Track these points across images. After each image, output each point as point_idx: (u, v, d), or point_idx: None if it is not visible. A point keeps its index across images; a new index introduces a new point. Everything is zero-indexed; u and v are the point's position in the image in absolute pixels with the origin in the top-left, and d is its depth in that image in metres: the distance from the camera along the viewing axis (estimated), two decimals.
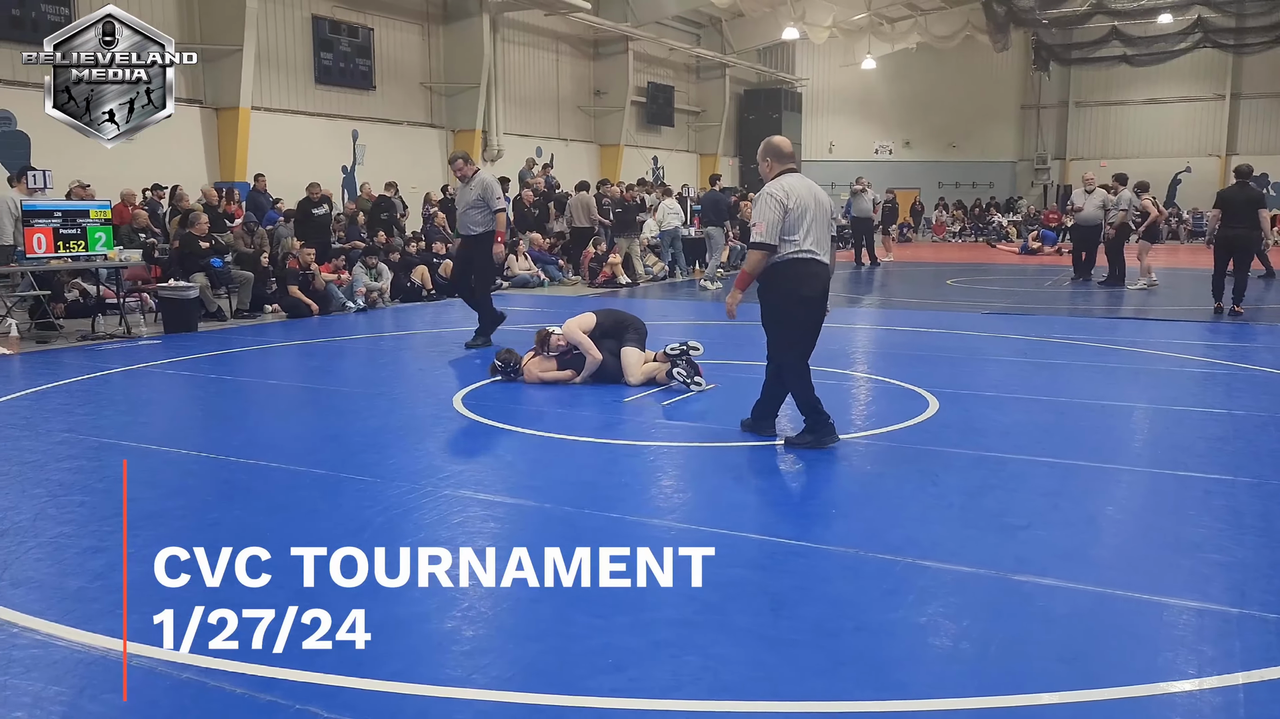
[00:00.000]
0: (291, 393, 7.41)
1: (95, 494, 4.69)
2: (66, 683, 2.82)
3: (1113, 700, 2.74)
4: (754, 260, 5.23)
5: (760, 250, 5.18)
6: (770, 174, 5.35)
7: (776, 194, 5.17)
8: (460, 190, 9.18)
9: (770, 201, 5.16)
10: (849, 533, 4.10)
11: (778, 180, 5.26)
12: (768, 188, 5.24)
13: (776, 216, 5.13)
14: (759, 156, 5.47)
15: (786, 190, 5.18)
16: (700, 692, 2.77)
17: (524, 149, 24.11)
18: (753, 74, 33.36)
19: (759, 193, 5.30)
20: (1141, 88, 34.78)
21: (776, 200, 5.15)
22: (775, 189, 5.20)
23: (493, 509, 4.45)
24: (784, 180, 5.25)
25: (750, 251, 5.26)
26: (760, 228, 5.16)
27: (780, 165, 5.34)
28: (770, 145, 5.43)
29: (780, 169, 5.33)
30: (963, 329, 10.76)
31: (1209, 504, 4.48)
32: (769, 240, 5.14)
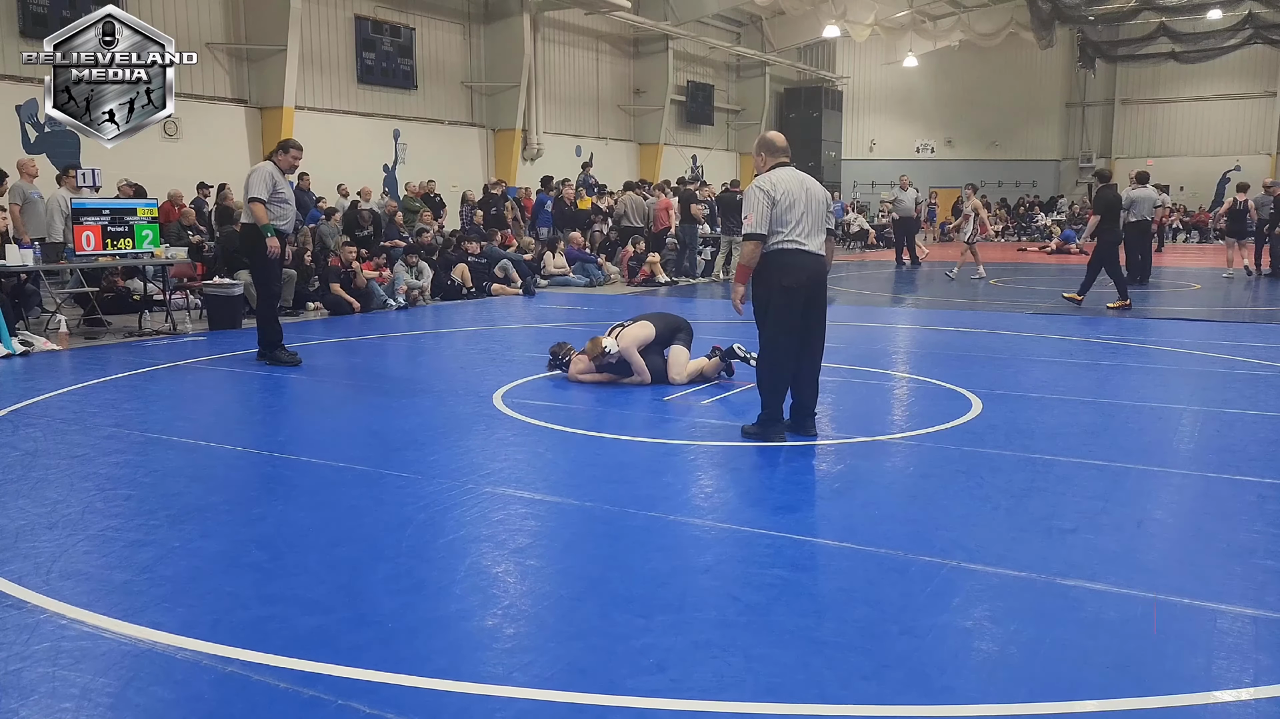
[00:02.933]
0: (333, 389, 7.48)
1: (142, 488, 4.75)
2: (113, 675, 2.86)
3: (1166, 708, 2.67)
4: (748, 252, 5.38)
5: (752, 240, 5.33)
6: (763, 168, 5.52)
7: (764, 186, 5.35)
8: (285, 181, 8.42)
9: (758, 194, 5.33)
10: (893, 534, 4.04)
11: (766, 174, 5.44)
12: (756, 181, 5.43)
13: (764, 207, 5.30)
14: (754, 151, 5.70)
15: (774, 183, 5.36)
16: (744, 693, 2.74)
17: (564, 148, 24.19)
18: (793, 72, 33.20)
19: (750, 187, 5.44)
20: (1189, 85, 34.17)
21: (764, 192, 5.33)
22: (763, 182, 5.38)
23: (533, 507, 4.45)
24: (773, 174, 5.43)
25: (743, 244, 5.41)
26: (750, 219, 5.32)
27: (772, 159, 5.52)
28: (763, 140, 5.61)
29: (773, 163, 5.50)
30: (1006, 329, 10.61)
31: (1263, 509, 4.37)
32: (759, 230, 5.30)
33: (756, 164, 5.63)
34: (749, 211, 5.34)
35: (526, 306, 13.38)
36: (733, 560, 3.79)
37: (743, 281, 5.48)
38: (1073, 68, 35.03)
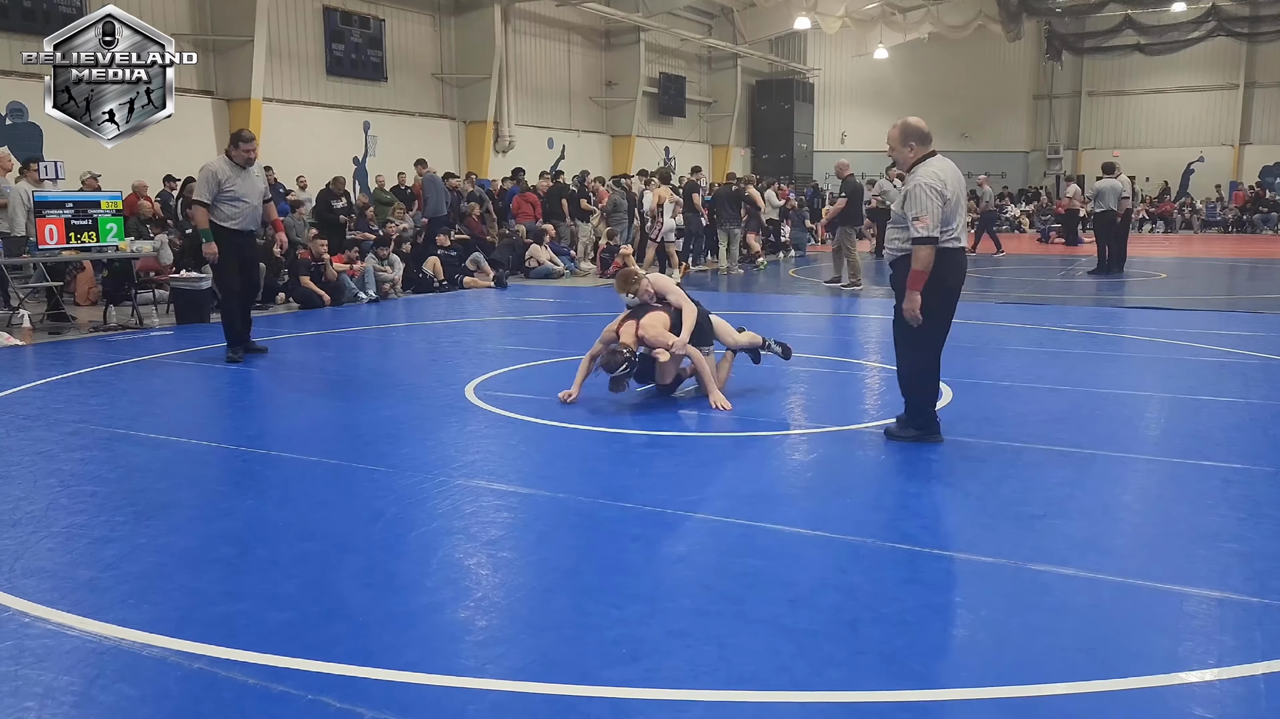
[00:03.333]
0: (304, 383, 7.41)
1: (108, 484, 4.69)
2: (78, 673, 2.82)
3: (1132, 690, 2.70)
4: (925, 257, 4.89)
5: (929, 245, 4.88)
6: (913, 158, 5.07)
7: (935, 184, 4.91)
8: (243, 176, 7.81)
9: (931, 192, 4.89)
10: (865, 522, 4.06)
11: (929, 167, 5.00)
12: (923, 177, 4.93)
13: (938, 207, 4.89)
14: (898, 140, 5.13)
15: (943, 179, 4.95)
16: (717, 682, 2.74)
17: (536, 140, 24.09)
18: (765, 64, 33.24)
19: (913, 182, 4.94)
20: (1154, 77, 34.54)
21: (936, 191, 4.90)
22: (932, 179, 4.93)
23: (506, 499, 4.43)
24: (934, 166, 5.01)
25: (918, 249, 4.90)
26: (925, 221, 4.86)
27: (923, 149, 5.09)
28: (913, 128, 5.11)
29: (923, 152, 5.08)
30: (976, 319, 10.68)
31: (1227, 493, 4.43)
32: (934, 233, 4.88)
33: (902, 155, 5.13)
34: (921, 212, 4.86)
35: (499, 299, 13.32)
36: (706, 550, 3.79)
37: (920, 288, 4.95)
38: (1040, 60, 35.30)
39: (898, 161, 5.23)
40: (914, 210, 4.90)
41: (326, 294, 12.07)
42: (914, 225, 4.90)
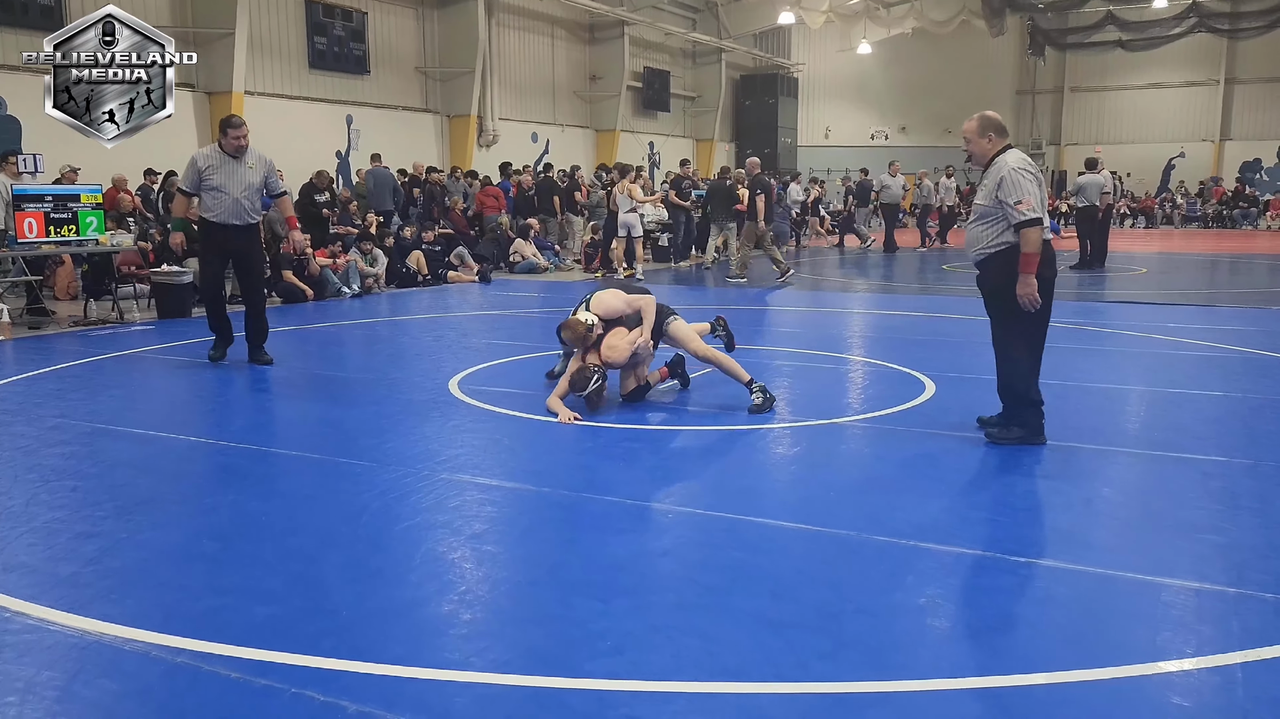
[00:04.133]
0: (287, 378, 7.37)
1: (88, 479, 4.66)
2: (59, 668, 2.80)
3: (1112, 680, 2.73)
4: (1035, 239, 4.84)
5: (1036, 226, 4.83)
6: (992, 150, 5.06)
7: (1029, 169, 4.92)
8: (229, 166, 7.35)
9: (1027, 176, 4.87)
10: (849, 516, 4.08)
11: (1016, 155, 5.01)
12: (1014, 163, 4.92)
13: (1036, 189, 4.86)
14: (976, 132, 5.10)
15: (1033, 166, 4.97)
16: (701, 674, 2.75)
17: (520, 134, 24.03)
18: (749, 59, 33.25)
19: (1008, 170, 4.89)
20: (1136, 73, 34.76)
21: (1032, 174, 4.90)
22: (1023, 163, 4.94)
23: (489, 493, 4.43)
24: (1020, 155, 5.00)
25: (1027, 230, 4.83)
26: (1028, 202, 4.81)
27: (1001, 141, 5.08)
28: (991, 120, 5.10)
29: (1002, 144, 5.07)
30: (958, 313, 10.74)
31: (1207, 486, 4.48)
32: (1039, 214, 4.84)
33: (980, 146, 5.09)
34: (1023, 196, 4.81)
35: (483, 294, 13.29)
36: (690, 544, 3.80)
37: (1033, 271, 4.88)
38: (1023, 56, 35.47)
39: (974, 154, 5.14)
40: (1014, 195, 4.84)
41: (309, 289, 12.02)
42: (1016, 210, 4.83)
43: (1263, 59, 32.58)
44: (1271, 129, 33.37)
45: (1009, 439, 5.16)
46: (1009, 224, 4.90)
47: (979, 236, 5.10)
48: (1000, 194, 4.89)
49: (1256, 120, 33.61)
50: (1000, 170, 4.93)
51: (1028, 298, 4.92)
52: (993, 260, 5.03)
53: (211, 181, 7.32)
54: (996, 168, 4.98)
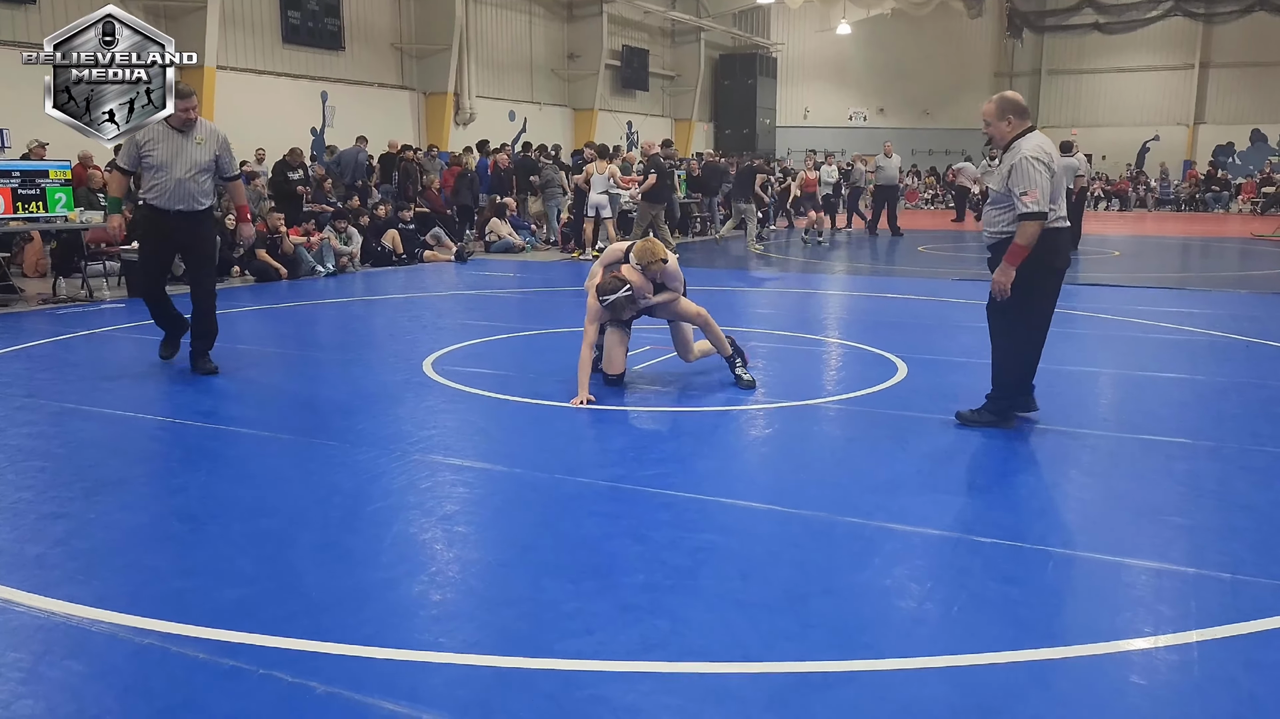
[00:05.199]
0: (259, 358, 7.33)
1: (56, 460, 4.62)
2: (25, 649, 2.79)
3: (1073, 659, 2.78)
4: (1031, 232, 4.73)
5: (1037, 221, 4.73)
6: (1011, 133, 4.92)
7: (1042, 158, 4.78)
8: (173, 141, 6.30)
9: (1039, 166, 4.74)
10: (819, 497, 4.12)
11: (1033, 141, 4.85)
12: (1029, 150, 4.79)
13: (1047, 182, 4.75)
14: (994, 114, 4.96)
15: (1049, 153, 4.83)
16: (669, 654, 2.78)
17: (497, 112, 23.86)
18: (728, 39, 33.13)
19: (1018, 155, 4.78)
20: (1113, 56, 34.92)
21: (1044, 165, 4.76)
22: (1038, 153, 4.79)
23: (463, 474, 4.43)
24: (1038, 141, 4.87)
25: (1025, 224, 4.74)
26: (1034, 195, 4.70)
27: (1021, 123, 4.93)
28: (1011, 102, 4.97)
29: (1022, 127, 4.92)
30: (933, 295, 10.80)
31: (1170, 469, 4.54)
32: (1043, 208, 4.73)
33: (999, 129, 4.95)
34: (1030, 187, 4.70)
35: (458, 273, 13.23)
36: (661, 525, 3.82)
37: (1018, 264, 4.79)
38: (1001, 38, 35.55)
39: (994, 137, 5.03)
40: (1021, 185, 4.73)
41: (283, 267, 11.92)
42: (1021, 200, 4.73)
43: (1237, 44, 32.83)
44: (1244, 113, 33.68)
45: (978, 422, 5.18)
46: None
47: (993, 220, 5.02)
48: (1010, 181, 4.81)
49: (1230, 104, 33.90)
50: (1014, 156, 4.82)
51: (1000, 286, 4.88)
52: (1003, 245, 4.95)
53: (151, 158, 6.29)
54: (1012, 153, 4.87)
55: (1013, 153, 4.87)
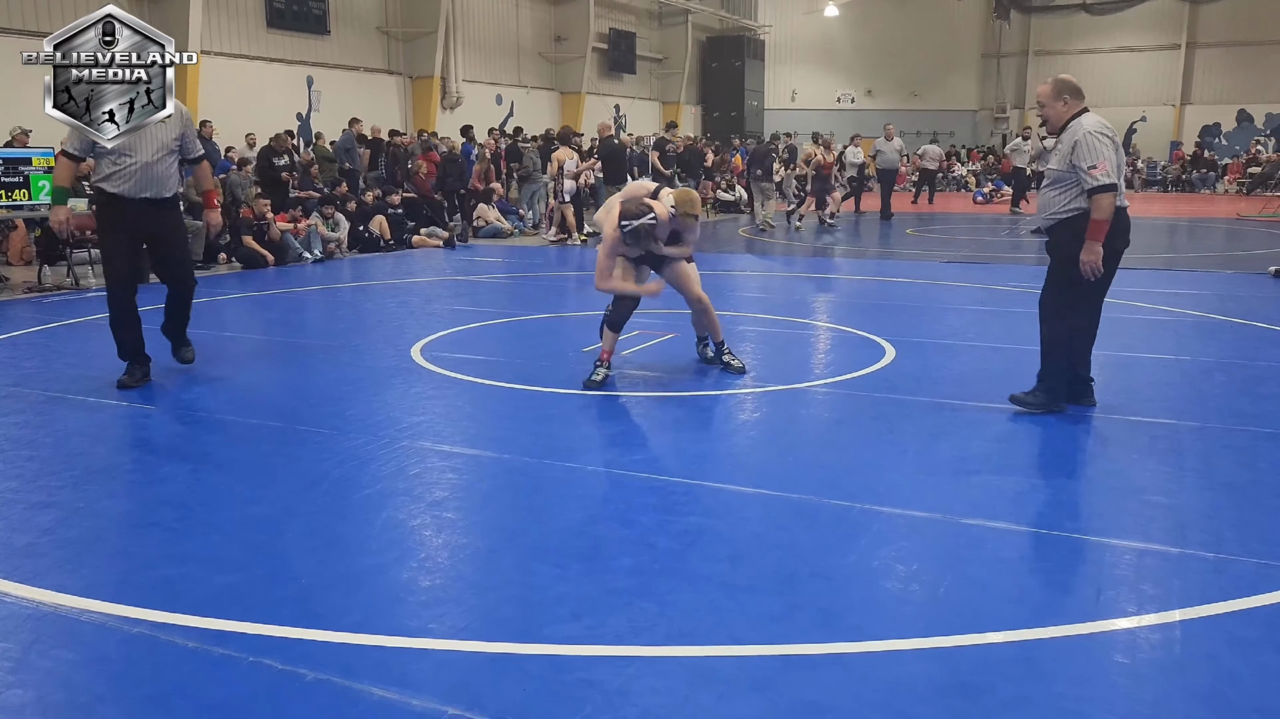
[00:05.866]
0: (247, 345, 7.31)
1: (44, 449, 4.61)
2: (15, 639, 2.79)
3: (1057, 638, 2.81)
4: (1107, 205, 4.73)
5: (1109, 193, 4.72)
6: (1067, 113, 4.94)
7: (1107, 132, 4.81)
8: None
9: (1103, 139, 4.77)
10: (806, 480, 4.14)
11: (1093, 118, 4.89)
12: (1092, 126, 4.81)
13: (1112, 154, 4.75)
14: (1050, 95, 4.98)
15: (1110, 128, 4.86)
16: (657, 638, 2.80)
17: (484, 96, 23.75)
18: (715, 21, 33.01)
19: (1084, 133, 4.78)
20: (1100, 37, 34.92)
21: (1109, 138, 4.79)
22: (1100, 127, 4.82)
23: (451, 460, 4.44)
24: (1097, 117, 4.90)
25: (1099, 196, 4.73)
26: (1103, 167, 4.71)
27: (1077, 104, 4.94)
28: (1067, 83, 4.98)
29: (1078, 108, 4.94)
30: (920, 278, 10.83)
31: (1154, 448, 4.58)
32: (1113, 179, 4.73)
33: (1055, 110, 4.96)
34: (1098, 160, 4.71)
35: (447, 259, 13.20)
36: (649, 509, 3.84)
37: (1101, 239, 4.76)
38: (988, 19, 35.52)
39: (1048, 118, 5.02)
40: (1089, 159, 4.74)
41: (270, 254, 11.87)
42: (1090, 174, 4.73)
43: (1223, 24, 32.87)
44: (1231, 93, 33.74)
45: (1031, 404, 5.12)
46: (1082, 189, 4.80)
47: (1051, 201, 4.99)
48: (1074, 158, 4.79)
49: (1216, 85, 33.96)
50: (1075, 133, 4.83)
51: (1091, 265, 4.81)
52: (1064, 227, 4.92)
53: (109, 144, 5.59)
54: (1071, 131, 4.88)
55: (1071, 130, 4.88)
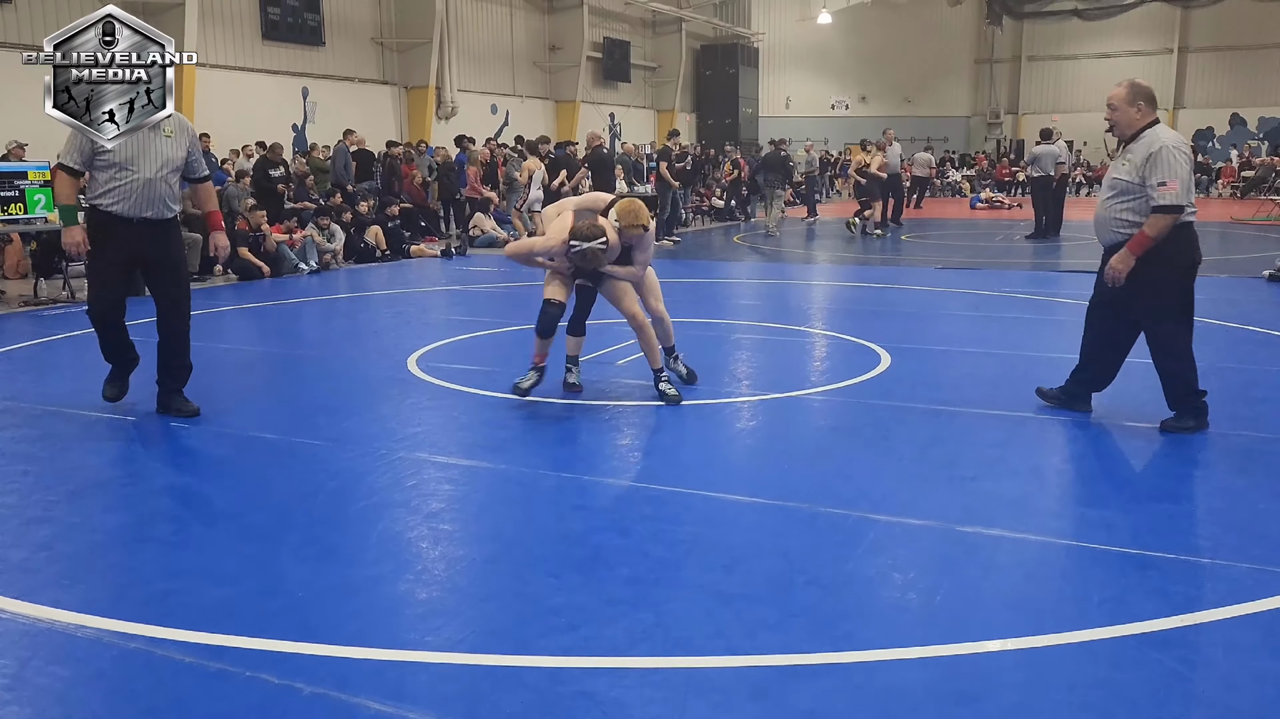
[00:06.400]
0: (242, 357, 7.31)
1: (39, 463, 4.60)
2: (11, 655, 2.79)
3: (1053, 646, 2.81)
4: (1163, 225, 4.52)
5: (1171, 215, 4.51)
6: (1141, 121, 4.67)
7: (1184, 148, 4.58)
8: (141, 133, 5.25)
9: (1181, 157, 4.51)
10: (802, 488, 4.14)
11: (1171, 131, 4.67)
12: (1172, 140, 4.58)
13: (1188, 174, 4.53)
14: (1125, 99, 4.69)
15: (1187, 143, 4.65)
16: (654, 648, 2.79)
17: (479, 106, 23.79)
18: (709, 29, 33.09)
19: (1163, 147, 4.52)
20: (1092, 42, 35.07)
21: (1185, 154, 4.54)
22: (1180, 143, 4.60)
23: (447, 471, 4.44)
24: (1173, 131, 4.71)
25: (1159, 216, 4.52)
26: (1173, 186, 4.46)
27: (1151, 112, 4.69)
28: (1142, 88, 4.70)
29: (1152, 116, 4.69)
30: (915, 284, 10.85)
31: (1149, 453, 4.59)
32: (1181, 201, 4.50)
33: (1127, 116, 4.69)
34: (1172, 177, 4.46)
35: (443, 269, 13.21)
36: (644, 518, 3.84)
37: (1138, 254, 4.59)
38: (981, 24, 35.65)
39: (1119, 124, 4.74)
40: (1160, 175, 4.48)
41: (266, 266, 11.88)
42: (1159, 190, 4.49)
43: (1215, 27, 33.02)
44: (1224, 97, 33.88)
45: (1183, 429, 4.83)
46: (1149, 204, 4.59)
47: (1118, 215, 4.74)
48: (1146, 170, 4.54)
49: (1209, 89, 34.10)
50: (1152, 146, 4.56)
51: (1117, 273, 4.66)
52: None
53: (112, 153, 5.18)
54: (1146, 142, 4.61)
55: (1147, 141, 4.61)
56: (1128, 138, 4.73)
